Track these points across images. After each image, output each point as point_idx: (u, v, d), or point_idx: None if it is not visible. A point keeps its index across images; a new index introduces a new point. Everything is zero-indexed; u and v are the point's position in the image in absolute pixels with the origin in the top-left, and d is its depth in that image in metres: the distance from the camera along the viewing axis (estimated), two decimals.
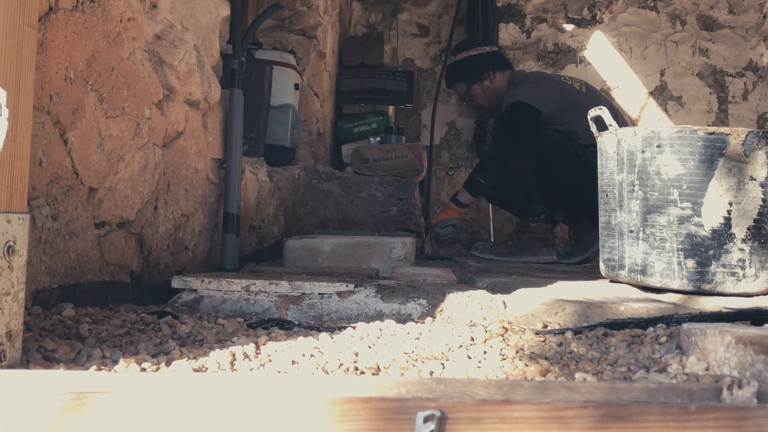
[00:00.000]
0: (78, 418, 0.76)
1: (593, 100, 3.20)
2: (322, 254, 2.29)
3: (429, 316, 1.62)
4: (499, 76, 3.43)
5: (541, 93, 3.20)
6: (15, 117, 0.97)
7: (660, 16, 4.82)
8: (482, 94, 3.45)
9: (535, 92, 3.19)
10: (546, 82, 3.29)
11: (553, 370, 1.13)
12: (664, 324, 1.42)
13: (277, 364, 1.13)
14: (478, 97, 3.47)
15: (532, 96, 3.18)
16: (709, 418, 0.74)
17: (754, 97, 4.77)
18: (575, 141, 3.14)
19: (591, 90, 3.32)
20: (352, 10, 4.88)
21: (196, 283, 1.70)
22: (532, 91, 3.20)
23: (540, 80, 3.30)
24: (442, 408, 0.74)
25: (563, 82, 3.30)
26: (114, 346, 1.18)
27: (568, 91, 3.23)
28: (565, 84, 3.28)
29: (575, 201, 3.17)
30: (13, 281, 0.97)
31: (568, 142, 3.13)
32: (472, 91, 3.46)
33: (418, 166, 3.60)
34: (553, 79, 3.35)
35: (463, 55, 3.48)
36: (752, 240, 1.84)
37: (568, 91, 3.23)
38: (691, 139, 1.85)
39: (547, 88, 3.23)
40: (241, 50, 2.27)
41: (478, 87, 3.44)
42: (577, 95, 3.21)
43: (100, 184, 1.56)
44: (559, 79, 3.34)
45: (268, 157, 2.84)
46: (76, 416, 0.76)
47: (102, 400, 0.76)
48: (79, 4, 1.43)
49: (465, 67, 3.46)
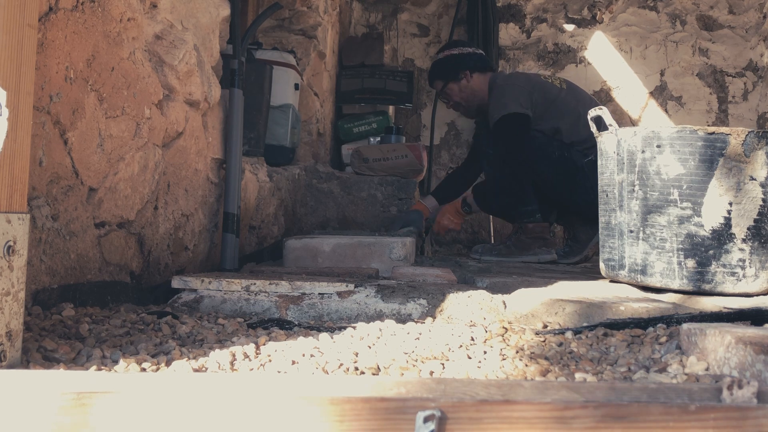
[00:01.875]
0: (79, 418, 0.76)
1: (576, 96, 3.23)
2: (322, 254, 2.29)
3: (429, 316, 1.62)
4: (477, 77, 3.41)
5: (527, 95, 3.20)
6: (15, 117, 0.97)
7: (660, 16, 4.82)
8: (459, 92, 3.44)
9: (521, 97, 3.20)
10: (528, 83, 3.30)
11: (553, 370, 1.13)
12: (664, 324, 1.42)
13: (277, 364, 1.13)
14: (455, 95, 3.45)
15: (520, 102, 3.19)
16: (709, 418, 0.74)
17: (754, 97, 4.77)
18: (560, 141, 3.14)
19: (572, 87, 3.34)
20: (352, 10, 4.88)
21: (196, 283, 1.70)
22: (517, 96, 3.20)
23: (522, 82, 3.30)
24: (442, 408, 0.74)
25: (544, 81, 3.31)
26: (114, 346, 1.18)
27: (550, 90, 3.24)
28: (546, 83, 3.29)
29: (566, 201, 3.18)
30: (13, 281, 0.97)
31: (553, 144, 3.14)
32: (448, 89, 3.45)
33: (418, 166, 3.61)
34: (534, 79, 3.35)
35: (445, 54, 3.49)
36: (752, 240, 1.84)
37: (549, 90, 3.24)
38: (691, 139, 1.85)
39: (531, 89, 3.24)
40: (241, 50, 2.27)
41: (454, 86, 3.42)
42: (558, 93, 3.23)
43: (100, 184, 1.56)
44: (540, 78, 3.35)
45: (268, 157, 2.84)
46: (77, 416, 0.76)
47: (104, 400, 0.76)
48: (79, 4, 1.43)
49: (444, 65, 3.45)
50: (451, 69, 3.42)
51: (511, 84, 3.28)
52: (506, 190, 3.24)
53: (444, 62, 3.45)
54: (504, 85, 3.29)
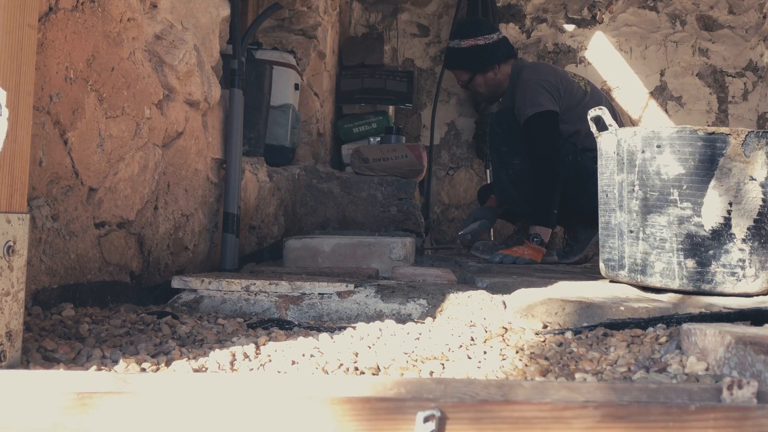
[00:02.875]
0: (81, 418, 0.76)
1: (596, 101, 3.15)
2: (322, 254, 2.29)
3: (429, 316, 1.62)
4: (504, 67, 3.29)
5: (556, 92, 3.11)
6: (15, 117, 0.97)
7: (660, 16, 4.82)
8: (484, 84, 3.32)
9: (552, 92, 3.10)
10: (557, 78, 3.17)
11: (553, 370, 1.13)
12: (664, 324, 1.42)
13: (277, 365, 1.13)
14: (480, 86, 3.34)
15: (550, 98, 3.08)
16: (709, 418, 0.74)
17: (754, 97, 4.77)
18: (574, 145, 3.11)
19: (594, 91, 3.27)
20: (352, 10, 4.88)
21: (196, 283, 1.70)
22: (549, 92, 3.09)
23: (551, 76, 3.17)
24: (442, 408, 0.74)
25: (571, 81, 3.21)
26: (114, 346, 1.18)
27: (576, 93, 3.17)
28: (573, 83, 3.20)
29: (572, 204, 3.15)
30: (13, 281, 0.97)
31: (567, 147, 3.10)
32: (475, 80, 3.32)
33: (418, 166, 3.61)
34: (563, 75, 3.23)
35: (470, 43, 3.28)
36: (752, 240, 1.84)
37: (575, 93, 3.17)
38: (691, 139, 1.85)
39: (560, 86, 3.14)
40: (241, 50, 2.27)
41: (481, 78, 3.30)
42: (582, 97, 3.16)
43: (100, 184, 1.55)
44: (567, 77, 3.24)
45: (268, 157, 2.84)
46: (79, 416, 0.76)
47: (105, 400, 0.76)
48: (79, 4, 1.43)
49: (471, 55, 3.27)
50: (480, 61, 3.27)
51: (542, 79, 3.14)
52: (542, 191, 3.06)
53: (471, 53, 3.28)
54: (533, 79, 3.15)
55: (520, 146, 3.11)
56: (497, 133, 3.19)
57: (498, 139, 3.19)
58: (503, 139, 3.17)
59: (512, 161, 3.16)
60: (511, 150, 3.16)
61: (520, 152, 3.12)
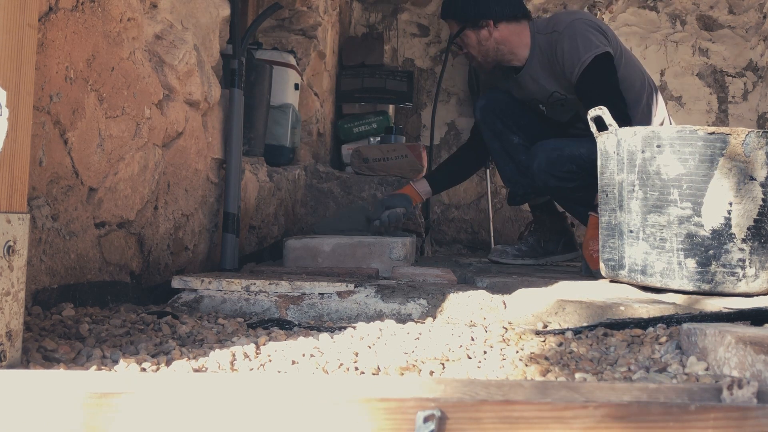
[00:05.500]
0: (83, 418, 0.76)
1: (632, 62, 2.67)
2: (322, 254, 2.29)
3: (429, 316, 1.62)
4: (507, 28, 2.62)
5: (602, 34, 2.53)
6: (15, 117, 0.97)
7: (660, 16, 4.82)
8: (476, 45, 2.68)
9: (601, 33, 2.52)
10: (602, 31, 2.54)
11: (553, 370, 1.13)
12: (664, 324, 1.42)
13: (277, 364, 1.13)
14: (472, 47, 2.69)
15: (603, 39, 2.50)
16: (709, 418, 0.74)
17: (754, 97, 4.76)
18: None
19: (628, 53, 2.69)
20: (352, 10, 4.88)
21: (196, 283, 1.70)
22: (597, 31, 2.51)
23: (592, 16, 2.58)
24: (442, 408, 0.74)
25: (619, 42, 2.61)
26: (114, 346, 1.18)
27: (616, 47, 2.59)
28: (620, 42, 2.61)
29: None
30: (13, 281, 0.97)
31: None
32: (465, 36, 2.68)
33: (418, 166, 3.61)
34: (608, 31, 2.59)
35: None
36: (752, 240, 1.84)
37: (616, 47, 2.58)
38: (691, 139, 1.85)
39: (604, 26, 2.57)
40: (241, 50, 2.27)
41: (472, 34, 2.66)
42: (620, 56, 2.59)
43: (100, 184, 1.56)
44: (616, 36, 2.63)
45: (268, 157, 2.84)
46: (80, 416, 0.76)
47: (107, 401, 0.76)
48: (79, 4, 1.43)
49: (461, 2, 2.67)
50: (470, 10, 2.64)
51: (584, 18, 2.57)
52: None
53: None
54: (577, 20, 2.54)
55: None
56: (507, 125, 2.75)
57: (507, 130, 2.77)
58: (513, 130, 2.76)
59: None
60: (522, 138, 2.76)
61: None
